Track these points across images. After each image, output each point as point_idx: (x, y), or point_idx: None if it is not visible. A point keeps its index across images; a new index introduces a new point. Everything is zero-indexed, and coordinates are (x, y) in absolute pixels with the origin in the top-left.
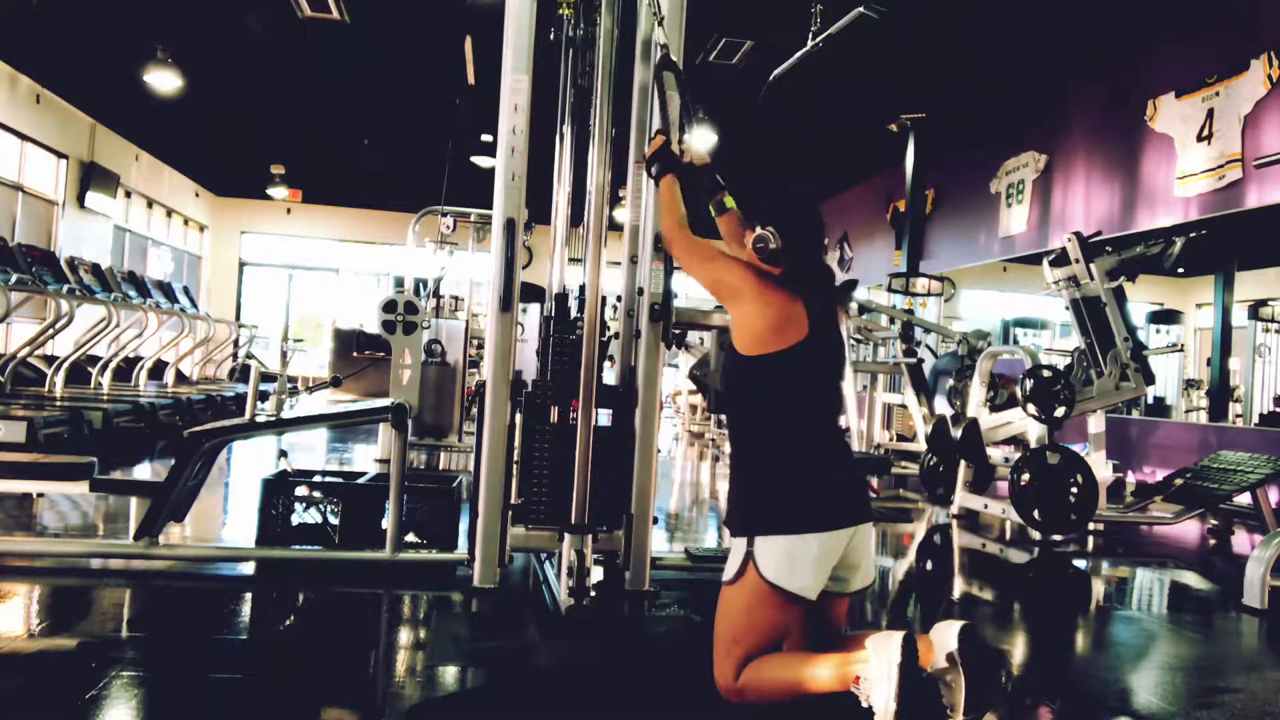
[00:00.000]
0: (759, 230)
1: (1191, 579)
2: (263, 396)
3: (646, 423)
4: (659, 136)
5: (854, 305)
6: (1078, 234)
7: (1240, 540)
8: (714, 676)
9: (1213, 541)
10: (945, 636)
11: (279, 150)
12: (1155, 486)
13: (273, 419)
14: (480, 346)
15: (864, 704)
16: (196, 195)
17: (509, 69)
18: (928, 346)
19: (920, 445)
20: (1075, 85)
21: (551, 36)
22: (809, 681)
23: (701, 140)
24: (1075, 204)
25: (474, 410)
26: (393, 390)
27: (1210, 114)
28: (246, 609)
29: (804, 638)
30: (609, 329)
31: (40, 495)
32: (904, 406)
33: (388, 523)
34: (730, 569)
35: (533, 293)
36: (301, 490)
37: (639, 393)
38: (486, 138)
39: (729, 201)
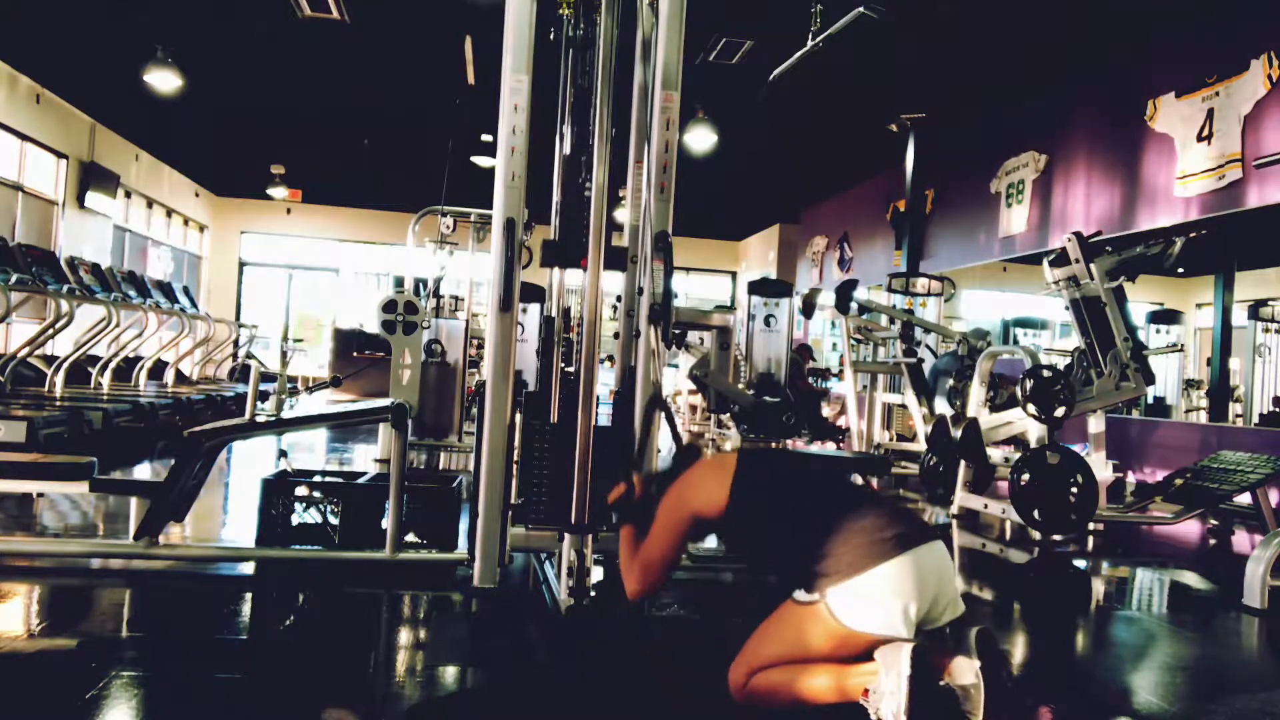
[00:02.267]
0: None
1: (1191, 579)
2: (263, 396)
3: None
4: (620, 486)
5: (854, 306)
6: (1078, 234)
7: (1240, 540)
8: (727, 673)
9: (1213, 541)
10: (965, 643)
11: (279, 150)
12: (1155, 486)
13: (273, 419)
14: (480, 346)
15: (874, 717)
16: (196, 195)
17: (509, 69)
18: (928, 346)
19: (920, 445)
20: (1075, 85)
21: (551, 36)
22: (817, 692)
23: (704, 140)
24: (1075, 204)
25: (474, 410)
26: (393, 390)
27: (1210, 114)
28: (246, 609)
29: None
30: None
31: (40, 495)
32: (904, 406)
33: (388, 523)
34: (804, 594)
35: (533, 293)
36: (301, 490)
37: (638, 393)
38: (486, 138)
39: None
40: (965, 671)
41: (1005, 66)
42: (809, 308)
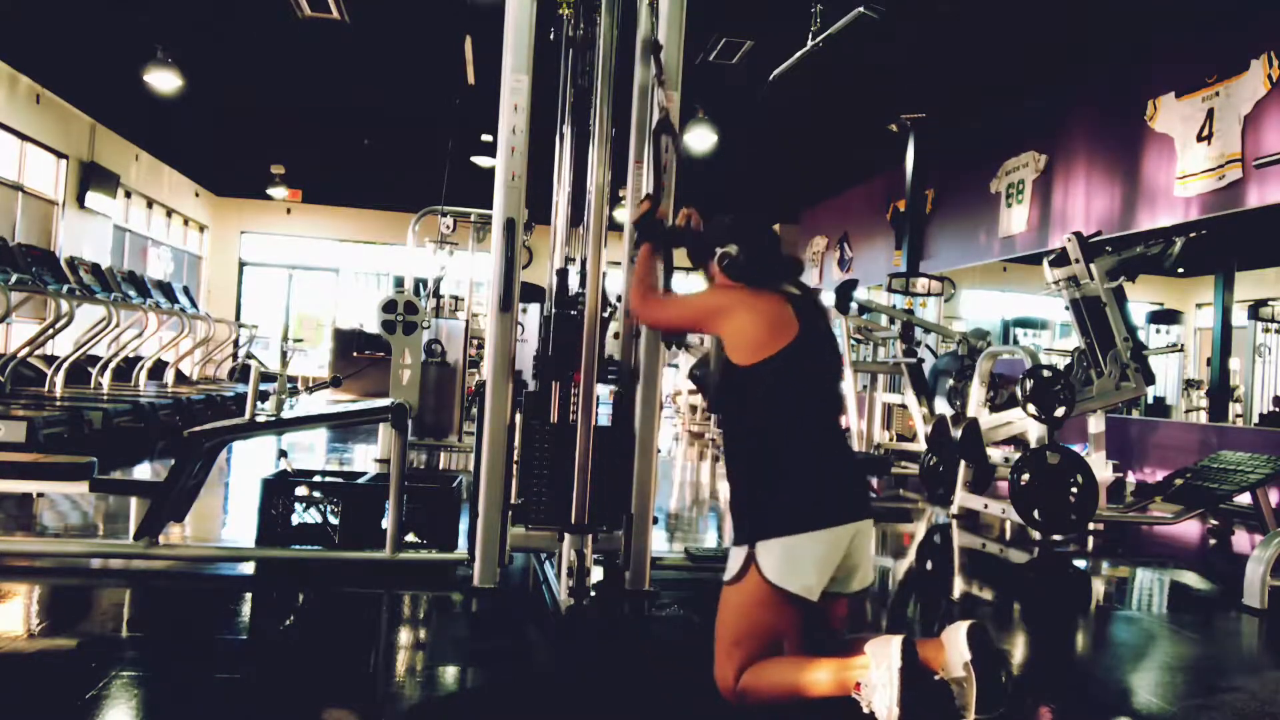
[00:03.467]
0: (720, 250)
1: (1191, 579)
2: (263, 396)
3: (646, 423)
4: (646, 201)
5: (854, 306)
6: (1078, 234)
7: (1240, 540)
8: (715, 678)
9: (1213, 541)
10: (956, 638)
11: (279, 150)
12: (1155, 486)
13: (273, 419)
14: (480, 346)
15: (865, 710)
16: (196, 195)
17: (509, 69)
18: (928, 346)
19: (920, 445)
20: (1075, 85)
21: (551, 36)
22: (809, 686)
23: (704, 140)
24: (1075, 204)
25: (474, 410)
26: (393, 390)
27: (1210, 114)
28: (246, 609)
29: (802, 640)
30: (612, 307)
31: (40, 495)
32: (904, 406)
33: (388, 523)
34: (731, 569)
35: (533, 293)
36: (301, 490)
37: (638, 392)
38: (486, 138)
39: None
40: (957, 665)
41: (1005, 66)
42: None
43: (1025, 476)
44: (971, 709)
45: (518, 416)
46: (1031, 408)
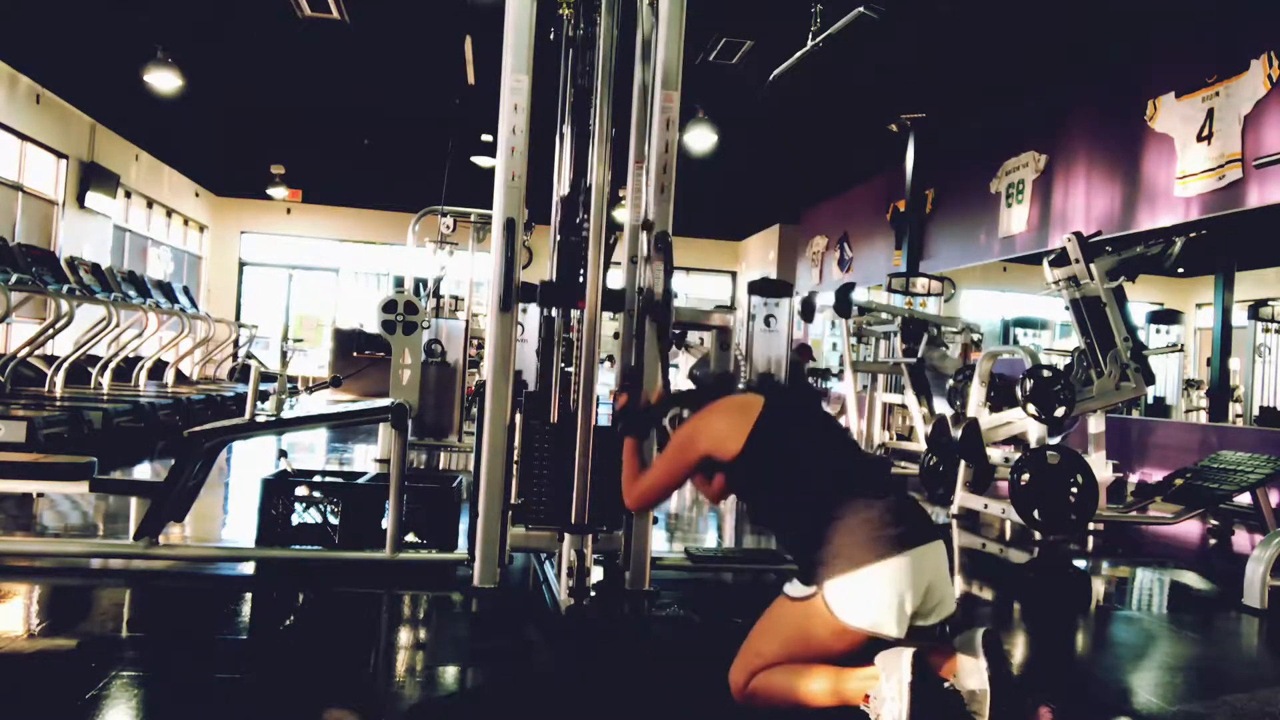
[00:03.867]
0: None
1: (1191, 579)
2: (263, 396)
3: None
4: (624, 394)
5: (854, 308)
6: (1078, 234)
7: (1240, 540)
8: (728, 674)
9: (1213, 541)
10: (971, 646)
11: (279, 150)
12: (1155, 486)
13: (273, 419)
14: (480, 346)
15: None
16: (196, 195)
17: (509, 69)
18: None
19: (920, 445)
20: (1075, 85)
21: (551, 36)
22: (819, 696)
23: (704, 140)
24: (1075, 204)
25: (474, 410)
26: (393, 390)
27: (1210, 114)
28: (246, 609)
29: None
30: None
31: (40, 495)
32: (904, 406)
33: (388, 523)
34: (798, 589)
35: (533, 293)
36: (301, 490)
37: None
38: (486, 138)
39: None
40: (971, 675)
41: (1005, 66)
42: (808, 311)
43: (1025, 476)
44: (986, 716)
45: (518, 416)
46: (1031, 408)
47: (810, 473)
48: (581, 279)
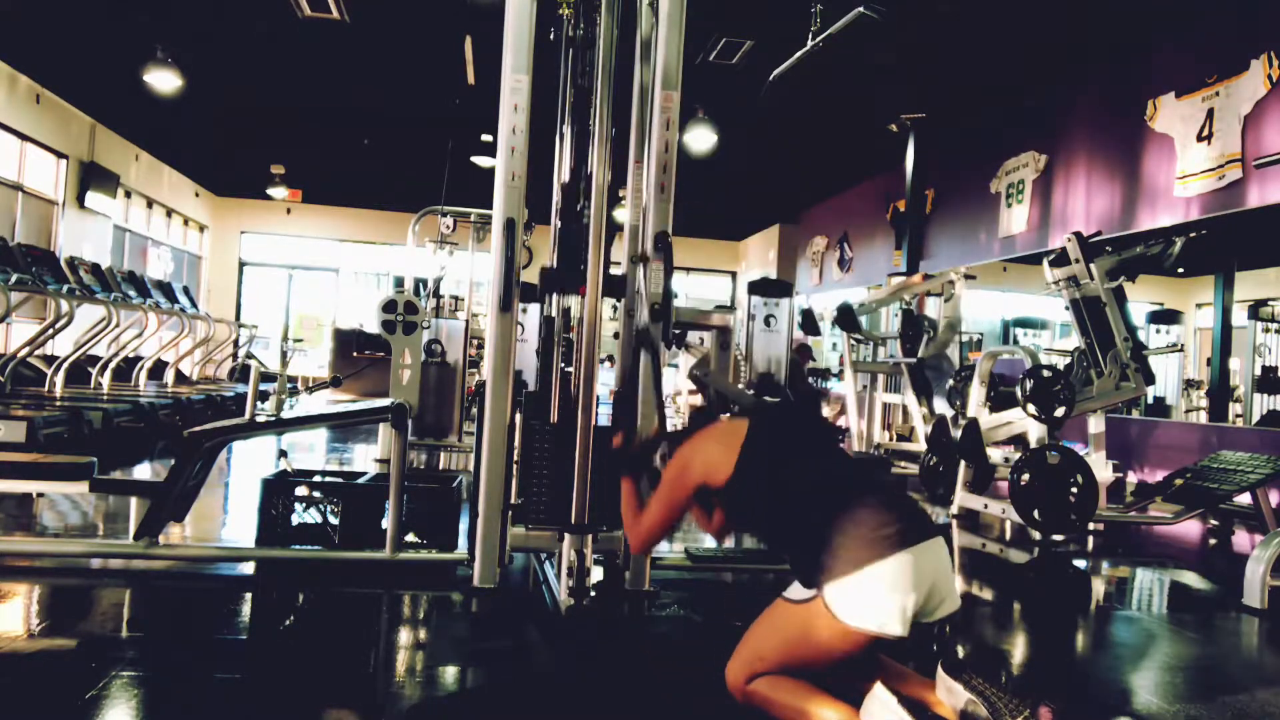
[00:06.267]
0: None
1: (1191, 579)
2: (263, 396)
3: (646, 422)
4: (618, 435)
5: (862, 322)
6: (1078, 234)
7: (1240, 540)
8: (725, 670)
9: (1213, 541)
10: (940, 677)
11: (279, 150)
12: (1155, 486)
13: (273, 419)
14: (480, 346)
15: None
16: (196, 195)
17: (509, 69)
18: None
19: (920, 445)
20: (1075, 85)
21: (551, 36)
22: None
23: (704, 140)
24: (1075, 204)
25: (474, 410)
26: (393, 390)
27: (1210, 114)
28: (246, 609)
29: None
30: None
31: (40, 495)
32: (904, 406)
33: (388, 523)
34: (798, 592)
35: (533, 293)
36: (301, 490)
37: (639, 392)
38: (486, 138)
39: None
40: (953, 694)
41: (1005, 66)
42: (810, 323)
43: (1025, 476)
44: None
45: (518, 416)
46: (1031, 408)
47: (802, 481)
48: (583, 268)
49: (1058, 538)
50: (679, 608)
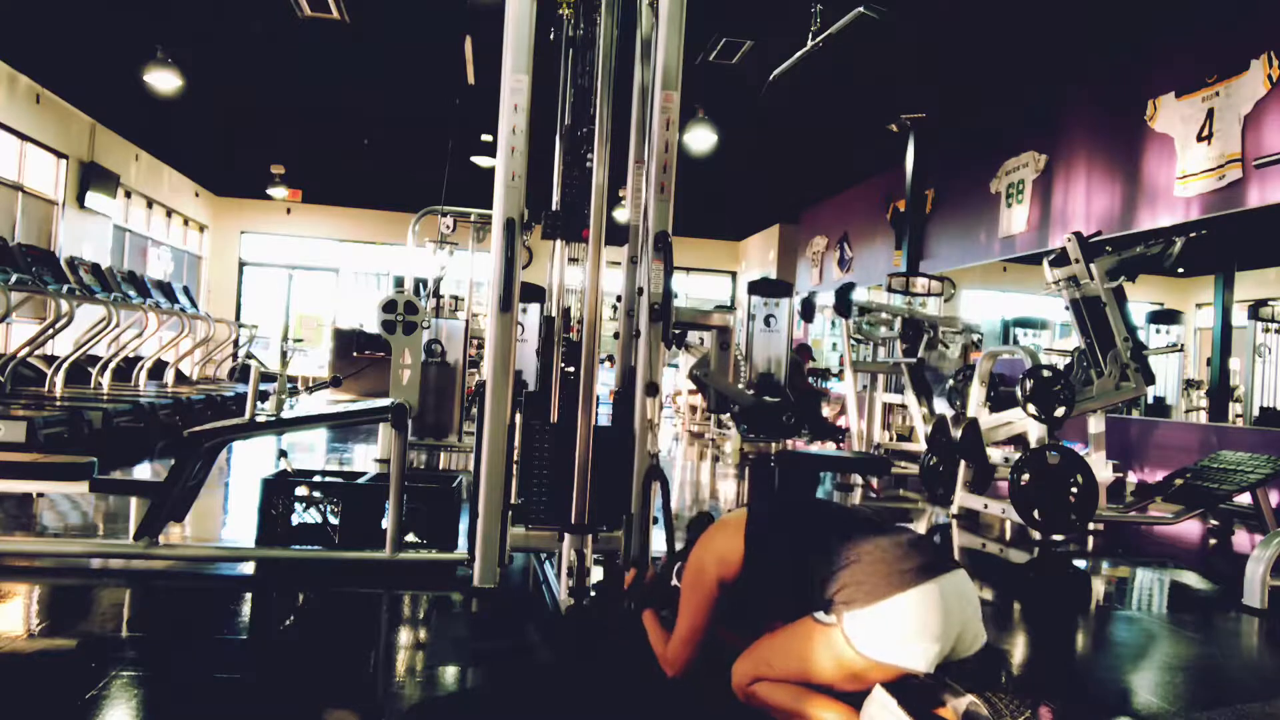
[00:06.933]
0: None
1: (1191, 579)
2: (263, 396)
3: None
4: (631, 570)
5: (855, 308)
6: (1078, 234)
7: (1240, 540)
8: (732, 668)
9: (1213, 541)
10: (956, 699)
11: (279, 150)
12: (1155, 486)
13: (273, 419)
14: (480, 346)
15: None
16: (196, 195)
17: (509, 69)
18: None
19: (920, 445)
20: (1075, 85)
21: (551, 36)
22: None
23: (704, 140)
24: (1075, 204)
25: (474, 410)
26: (393, 390)
27: (1210, 114)
28: (246, 609)
29: None
30: None
31: (40, 495)
32: (904, 406)
33: (388, 523)
34: (823, 616)
35: (533, 293)
36: (301, 490)
37: (638, 392)
38: (486, 138)
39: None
40: (958, 700)
41: (1005, 66)
42: (809, 311)
43: (1025, 476)
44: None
45: (518, 416)
46: (1031, 408)
47: (816, 532)
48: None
49: (1058, 538)
50: None
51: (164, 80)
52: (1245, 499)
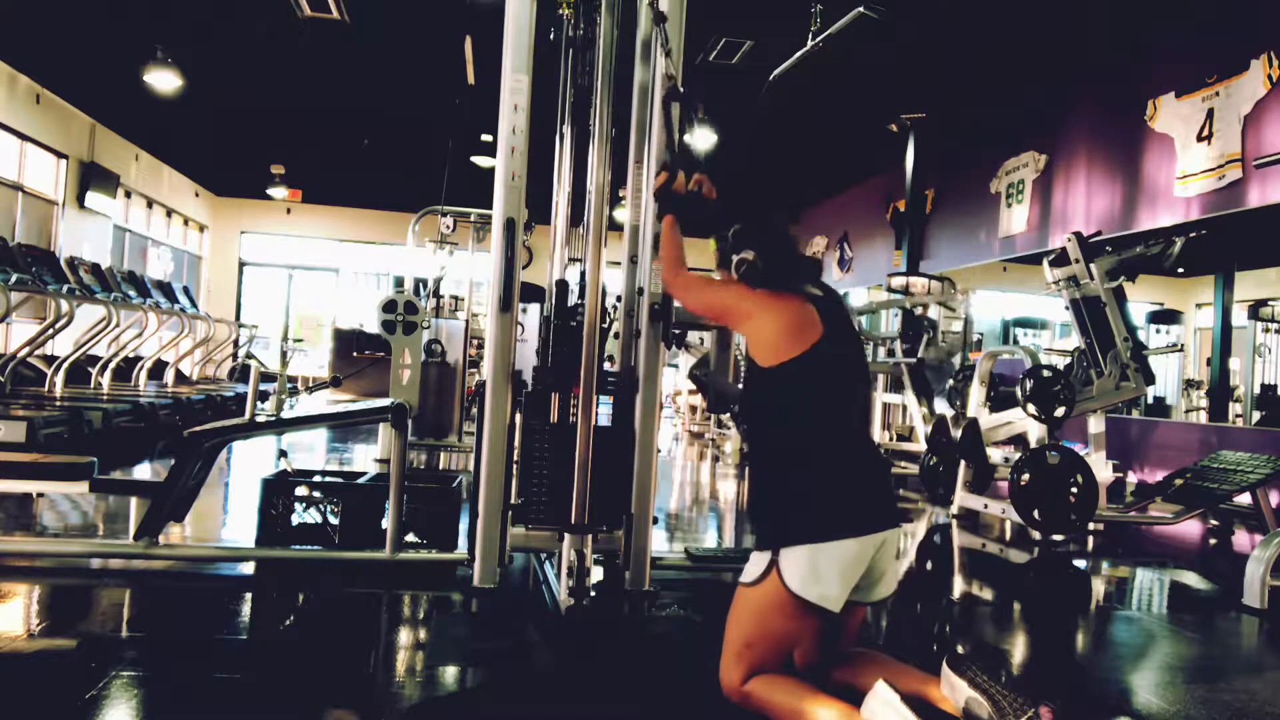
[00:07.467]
0: (738, 258)
1: (1191, 579)
2: (263, 396)
3: (646, 422)
4: (662, 174)
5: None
6: (1078, 234)
7: (1240, 540)
8: (719, 675)
9: (1213, 541)
10: (953, 682)
11: (279, 150)
12: (1155, 486)
13: (273, 419)
14: (480, 346)
15: None
16: (196, 195)
17: (509, 69)
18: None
19: (920, 445)
20: (1075, 85)
21: (551, 36)
22: None
23: (704, 140)
24: (1075, 204)
25: (474, 410)
26: (393, 390)
27: (1210, 114)
28: (246, 609)
29: (816, 645)
30: (609, 316)
31: (40, 495)
32: (904, 406)
33: (388, 523)
34: (751, 572)
35: (533, 293)
36: (301, 490)
37: (639, 392)
38: (486, 138)
39: (712, 245)
40: (956, 690)
41: (1005, 66)
42: None
43: (1025, 476)
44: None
45: (518, 416)
46: (1031, 408)
47: (818, 427)
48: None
49: (1058, 538)
50: (679, 608)
51: (164, 80)
52: (1245, 499)
